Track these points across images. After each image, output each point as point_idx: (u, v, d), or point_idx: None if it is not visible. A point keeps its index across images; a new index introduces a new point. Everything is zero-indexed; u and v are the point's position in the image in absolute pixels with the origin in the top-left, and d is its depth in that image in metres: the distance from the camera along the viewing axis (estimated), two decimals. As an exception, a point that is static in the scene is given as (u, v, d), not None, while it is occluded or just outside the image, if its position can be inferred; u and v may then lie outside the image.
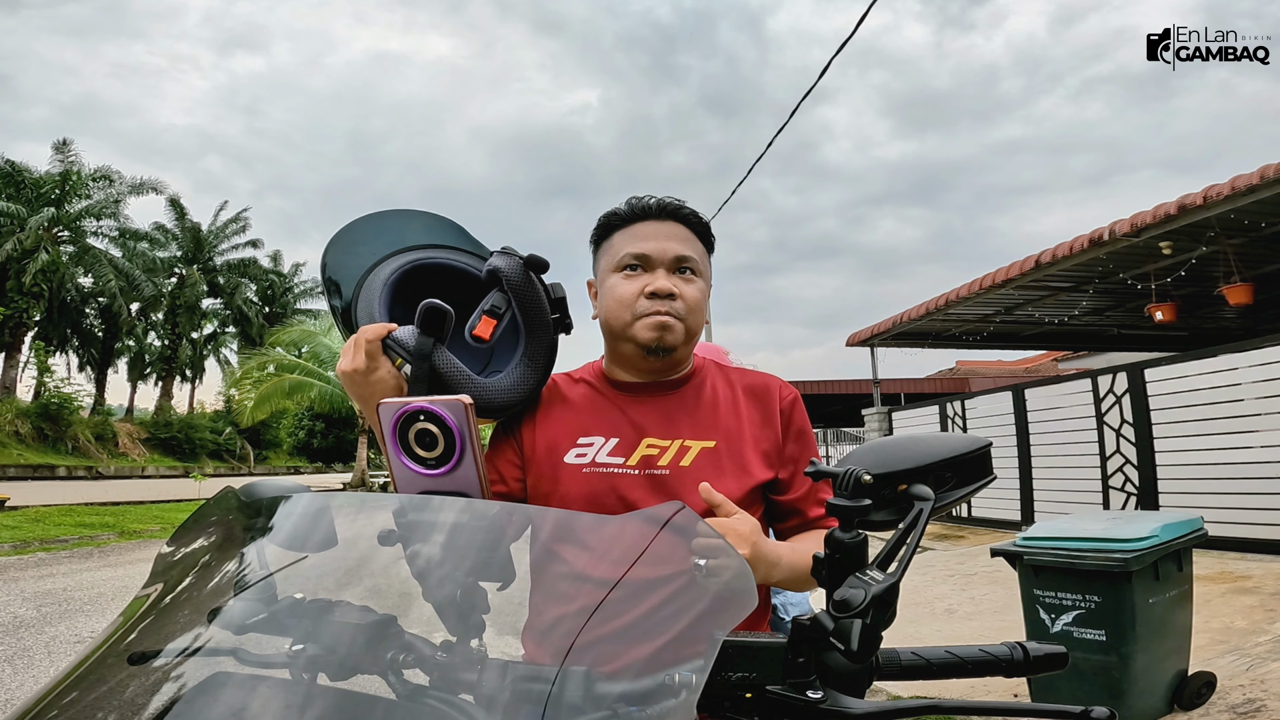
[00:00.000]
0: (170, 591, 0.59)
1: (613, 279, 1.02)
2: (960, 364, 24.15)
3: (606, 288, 1.03)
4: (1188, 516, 2.77)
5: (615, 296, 1.01)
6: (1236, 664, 3.14)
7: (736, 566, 0.55)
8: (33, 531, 9.54)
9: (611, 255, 1.03)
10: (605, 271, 1.04)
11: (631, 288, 1.00)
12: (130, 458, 26.68)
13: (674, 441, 1.00)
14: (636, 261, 1.00)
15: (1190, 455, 6.24)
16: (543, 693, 0.49)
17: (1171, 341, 11.90)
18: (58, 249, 24.24)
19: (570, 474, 0.98)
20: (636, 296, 0.99)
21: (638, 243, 1.01)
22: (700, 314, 1.03)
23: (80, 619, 5.10)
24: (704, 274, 1.05)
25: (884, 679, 0.55)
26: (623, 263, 1.01)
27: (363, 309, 0.93)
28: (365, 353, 0.86)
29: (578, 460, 0.99)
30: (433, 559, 0.61)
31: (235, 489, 0.69)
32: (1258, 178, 5.68)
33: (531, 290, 0.94)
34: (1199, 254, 7.32)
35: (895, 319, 10.48)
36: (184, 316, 30.04)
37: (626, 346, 1.02)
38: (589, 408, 1.05)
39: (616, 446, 0.99)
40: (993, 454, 0.64)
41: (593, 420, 1.03)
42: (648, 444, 0.99)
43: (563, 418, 1.04)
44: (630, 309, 1.00)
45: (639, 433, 1.00)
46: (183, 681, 0.50)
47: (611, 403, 1.05)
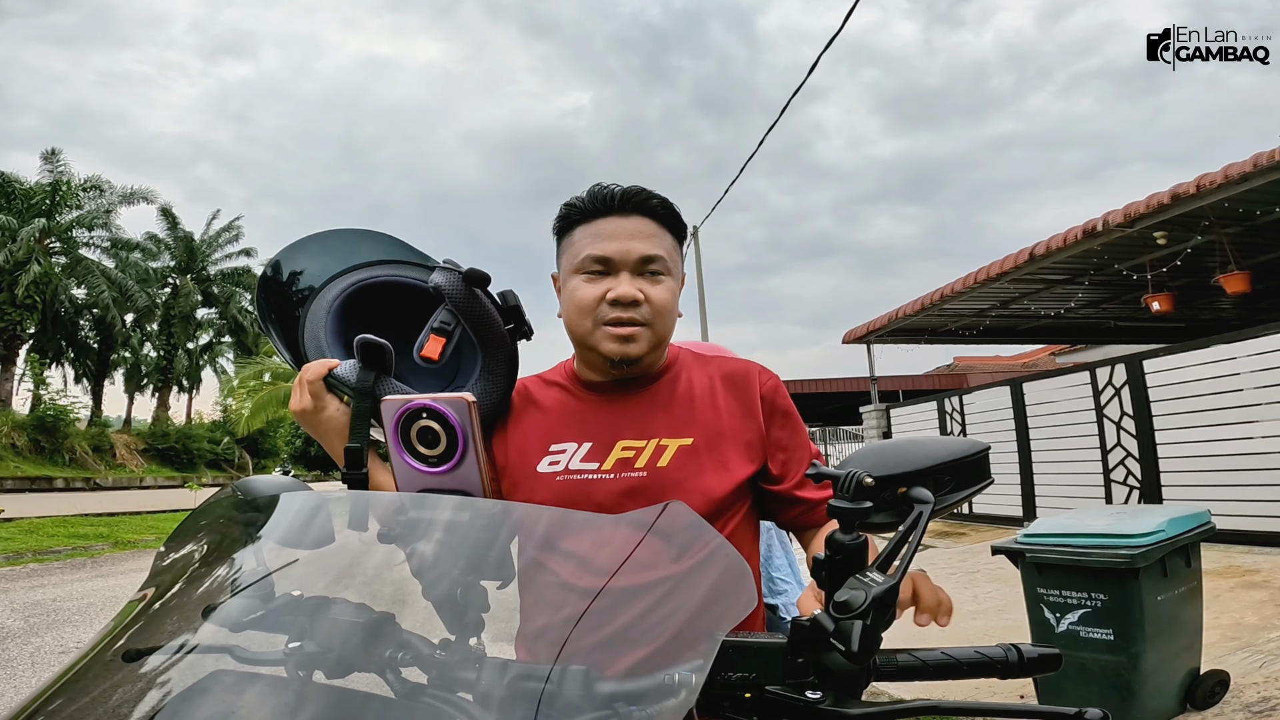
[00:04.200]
0: (167, 590, 0.59)
1: (574, 281, 0.95)
2: (958, 360, 24.16)
3: (568, 290, 0.96)
4: (1194, 510, 2.70)
5: (575, 301, 0.94)
6: (1249, 661, 3.07)
7: (735, 565, 0.55)
8: (26, 542, 9.48)
9: (572, 254, 0.96)
10: (566, 270, 0.97)
11: (593, 292, 0.93)
12: (128, 469, 26.55)
13: (650, 441, 0.95)
14: (599, 265, 0.93)
15: (1193, 447, 6.19)
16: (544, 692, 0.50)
17: (1169, 333, 11.87)
18: (50, 260, 24.11)
19: (543, 483, 0.94)
20: (598, 302, 0.93)
21: (599, 242, 0.93)
22: (670, 316, 0.97)
23: (67, 629, 5.04)
24: (673, 270, 0.97)
25: (881, 680, 0.56)
26: (583, 265, 0.94)
27: (309, 340, 0.90)
28: (310, 393, 0.86)
29: (550, 469, 0.95)
30: (432, 557, 0.61)
31: (233, 486, 0.70)
32: (1251, 166, 5.64)
33: (477, 305, 0.89)
34: (1194, 243, 7.29)
35: (891, 315, 10.44)
36: (179, 327, 29.93)
37: (590, 354, 0.98)
38: (560, 413, 1.00)
39: (590, 452, 0.95)
40: (993, 449, 0.63)
41: (564, 426, 0.98)
42: (623, 446, 0.95)
43: (533, 425, 0.99)
44: (591, 315, 0.94)
45: (613, 435, 0.96)
46: (180, 679, 0.49)
47: (583, 405, 1.00)
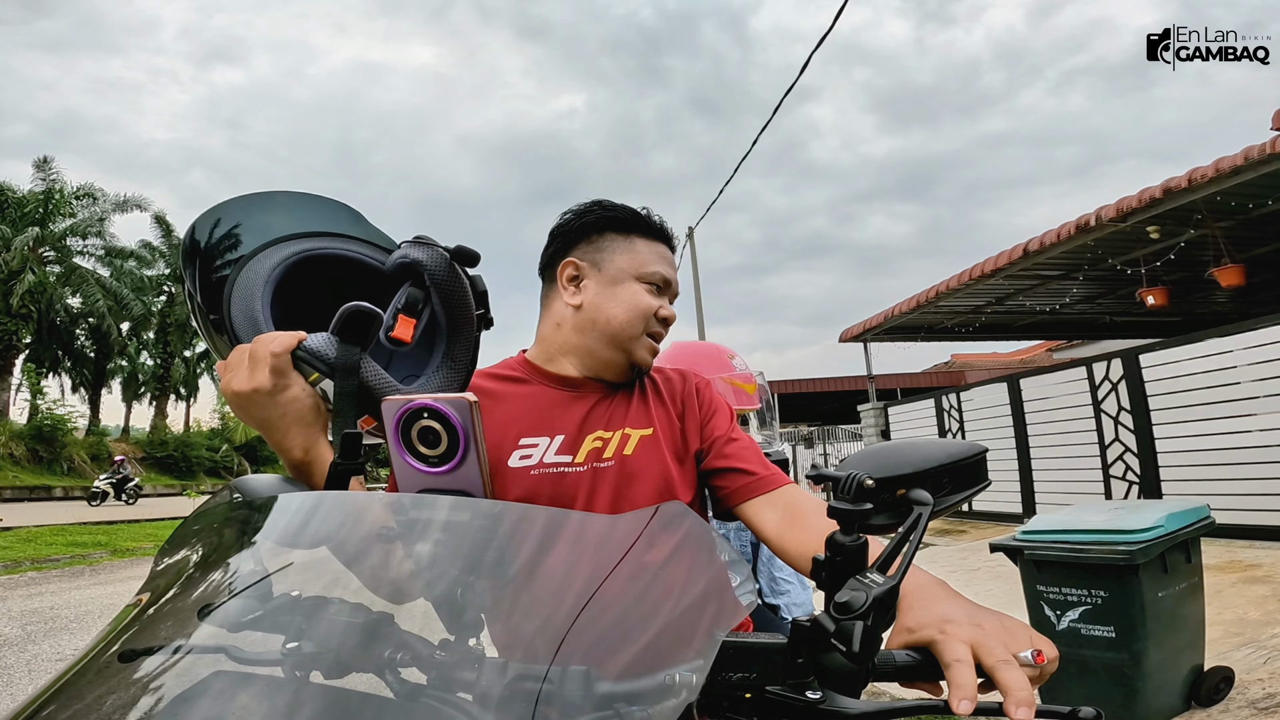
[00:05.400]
0: (165, 592, 0.58)
1: (637, 287, 1.02)
2: (955, 357, 24.18)
3: (622, 288, 1.02)
4: (1193, 504, 2.69)
5: (635, 305, 1.02)
6: (1253, 657, 3.06)
7: (733, 564, 0.55)
8: (24, 551, 9.43)
9: (638, 261, 1.03)
10: (624, 271, 1.03)
11: (653, 304, 1.02)
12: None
13: (617, 432, 0.99)
14: (661, 283, 1.04)
15: (1191, 441, 6.19)
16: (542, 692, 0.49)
17: (1164, 328, 11.88)
18: (44, 269, 24.02)
19: (516, 478, 0.94)
20: (651, 315, 1.02)
21: (664, 265, 1.04)
22: None
23: (64, 637, 5.01)
24: None
25: (880, 680, 0.56)
26: (653, 278, 1.03)
27: (238, 312, 0.76)
28: (271, 368, 0.70)
29: (523, 463, 0.95)
30: (432, 557, 0.61)
31: (230, 486, 0.68)
32: (1242, 159, 5.65)
33: (458, 285, 0.84)
34: (1187, 237, 7.29)
35: (887, 313, 10.44)
36: (175, 334, 29.80)
37: (614, 354, 1.02)
38: (528, 407, 1.00)
39: (563, 445, 0.97)
40: (991, 446, 0.64)
41: (534, 420, 0.99)
42: (594, 438, 0.97)
43: (499, 419, 0.98)
44: (644, 324, 1.02)
45: (583, 429, 0.98)
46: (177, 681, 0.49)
47: (553, 400, 1.01)
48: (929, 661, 0.55)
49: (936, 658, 0.54)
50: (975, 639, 0.53)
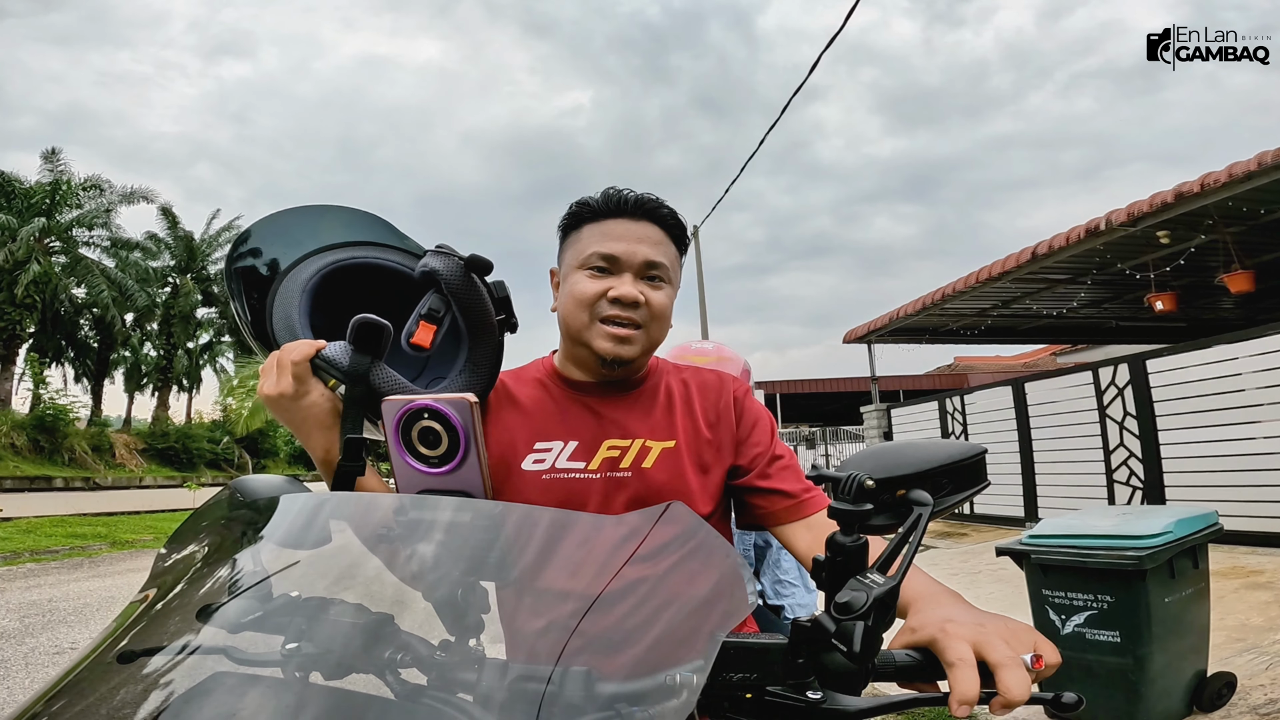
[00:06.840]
0: (166, 593, 0.59)
1: (576, 275, 0.97)
2: (959, 360, 24.14)
3: (569, 283, 0.98)
4: (1202, 510, 2.68)
5: (575, 294, 0.96)
6: (1255, 663, 3.05)
7: (735, 566, 0.55)
8: (24, 542, 9.45)
9: (579, 250, 0.97)
10: (570, 266, 0.99)
11: (595, 288, 0.95)
12: (128, 468, 26.52)
13: (634, 441, 0.96)
14: (604, 263, 0.95)
15: (1196, 447, 6.16)
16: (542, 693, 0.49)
17: (1171, 333, 11.83)
18: (49, 260, 24.08)
19: (529, 481, 0.93)
20: (598, 298, 0.95)
21: (608, 242, 0.95)
22: (665, 323, 0.99)
23: (63, 629, 5.00)
24: (673, 280, 1.01)
25: (879, 680, 0.55)
26: (589, 261, 0.95)
27: (279, 320, 0.83)
28: (292, 375, 0.77)
29: (536, 467, 0.94)
30: (432, 557, 0.61)
31: (231, 486, 0.70)
32: (1255, 164, 5.61)
33: (474, 293, 0.86)
34: (1197, 243, 7.25)
35: (892, 315, 10.41)
36: (179, 326, 29.89)
37: (581, 350, 0.98)
38: (544, 411, 0.99)
39: (576, 451, 0.95)
40: (994, 449, 0.61)
41: (549, 424, 0.98)
42: (608, 446, 0.95)
43: (515, 422, 0.98)
44: (589, 309, 0.95)
45: (598, 435, 0.96)
46: (178, 681, 0.49)
47: (567, 404, 1.00)
48: (930, 662, 0.55)
49: (938, 657, 0.55)
50: (978, 638, 0.53)
